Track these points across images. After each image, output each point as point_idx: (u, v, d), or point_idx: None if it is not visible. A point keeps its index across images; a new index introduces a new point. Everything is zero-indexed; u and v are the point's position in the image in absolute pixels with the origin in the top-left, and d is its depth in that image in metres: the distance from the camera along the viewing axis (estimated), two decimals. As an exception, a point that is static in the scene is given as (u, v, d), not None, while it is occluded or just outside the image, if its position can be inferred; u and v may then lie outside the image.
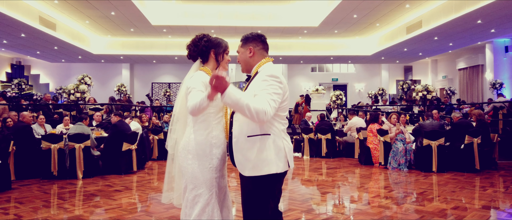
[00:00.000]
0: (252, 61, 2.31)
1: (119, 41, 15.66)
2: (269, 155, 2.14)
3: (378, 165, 7.99)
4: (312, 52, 16.32)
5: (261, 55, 2.32)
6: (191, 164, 2.29)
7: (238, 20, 12.92)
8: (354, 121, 9.56)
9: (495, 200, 5.00)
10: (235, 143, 2.20)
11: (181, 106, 2.43)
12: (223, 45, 2.45)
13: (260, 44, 2.32)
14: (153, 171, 7.74)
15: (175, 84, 20.70)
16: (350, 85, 21.37)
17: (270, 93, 2.06)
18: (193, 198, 2.28)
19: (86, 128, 7.08)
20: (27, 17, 10.35)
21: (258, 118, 1.99)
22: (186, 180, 2.31)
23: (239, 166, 2.19)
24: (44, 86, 19.83)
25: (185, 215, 2.31)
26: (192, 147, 2.29)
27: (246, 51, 2.33)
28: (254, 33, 2.36)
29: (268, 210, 2.19)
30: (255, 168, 2.13)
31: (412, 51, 15.55)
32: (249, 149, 2.14)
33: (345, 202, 5.06)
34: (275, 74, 2.12)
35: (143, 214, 4.34)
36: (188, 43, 2.49)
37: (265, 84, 2.08)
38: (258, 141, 2.14)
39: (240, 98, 1.95)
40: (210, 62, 2.44)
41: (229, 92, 1.94)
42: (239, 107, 1.97)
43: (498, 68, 14.80)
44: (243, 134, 2.16)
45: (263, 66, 2.26)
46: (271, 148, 2.15)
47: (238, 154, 2.19)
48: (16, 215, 4.29)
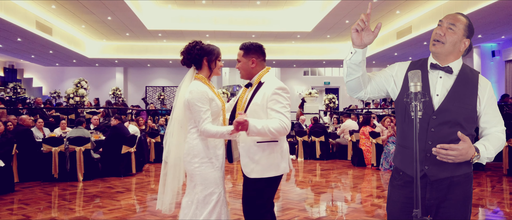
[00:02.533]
0: (253, 71, 2.48)
1: (114, 45, 15.77)
2: (276, 159, 2.35)
3: (371, 166, 8.25)
4: (305, 57, 16.62)
5: (262, 65, 2.50)
6: (199, 167, 2.40)
7: (233, 25, 13.13)
8: (347, 123, 9.82)
9: (482, 198, 5.26)
10: (243, 148, 2.38)
11: (179, 114, 2.51)
12: (216, 53, 2.53)
13: (261, 55, 2.50)
14: (151, 173, 7.90)
15: (169, 88, 20.82)
16: (342, 88, 21.69)
17: (284, 106, 2.28)
18: (204, 198, 2.38)
19: (86, 131, 7.22)
20: (24, 22, 10.44)
21: (280, 135, 2.24)
22: (196, 182, 2.41)
23: (245, 168, 2.37)
24: (36, 90, 19.80)
25: (195, 216, 2.39)
26: (198, 151, 2.41)
27: (248, 61, 2.48)
28: (254, 44, 2.51)
29: (268, 209, 2.41)
30: (262, 171, 2.32)
31: (402, 56, 15.92)
32: (257, 153, 2.33)
33: (339, 201, 5.28)
34: (283, 86, 2.35)
35: (148, 213, 4.52)
36: (182, 50, 2.56)
37: (277, 98, 2.29)
38: (267, 147, 2.34)
39: (261, 128, 2.17)
40: (204, 69, 2.53)
41: (251, 129, 2.15)
42: (262, 134, 2.20)
43: (485, 72, 15.22)
44: (252, 139, 2.33)
45: (265, 76, 2.45)
46: (278, 152, 2.37)
47: (245, 158, 2.36)
48: (24, 215, 4.44)
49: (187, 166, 2.45)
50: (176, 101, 2.54)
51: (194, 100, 2.35)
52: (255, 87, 2.43)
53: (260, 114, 2.31)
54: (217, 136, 2.30)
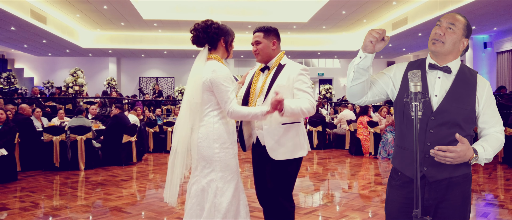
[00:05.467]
0: (273, 53, 2.46)
1: (108, 35, 15.60)
2: (301, 139, 2.40)
3: (368, 155, 8.39)
4: (300, 47, 16.67)
5: (279, 48, 2.50)
6: (219, 152, 2.26)
7: (229, 15, 13.09)
8: (345, 113, 9.94)
9: (480, 184, 5.42)
10: (267, 130, 2.34)
11: (194, 96, 2.29)
12: (232, 33, 2.42)
13: (279, 38, 2.50)
14: (151, 162, 7.93)
15: (163, 79, 20.71)
16: (335, 80, 21.84)
17: (309, 86, 2.34)
18: (224, 185, 2.26)
19: (87, 120, 7.22)
20: (19, 10, 10.29)
21: (309, 114, 2.27)
22: (214, 168, 2.26)
23: (271, 151, 2.33)
24: (28, 81, 19.52)
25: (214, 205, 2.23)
26: (219, 135, 2.27)
27: (269, 43, 2.43)
28: (272, 27, 2.48)
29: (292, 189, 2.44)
30: (290, 152, 2.34)
31: (397, 47, 16.07)
32: (283, 135, 2.33)
33: (338, 188, 5.39)
34: (306, 67, 2.41)
35: (157, 200, 4.57)
36: (195, 27, 2.37)
37: (303, 78, 2.34)
38: (292, 128, 2.36)
39: (295, 108, 2.18)
40: (219, 50, 2.38)
41: (286, 109, 2.13)
42: (295, 114, 2.20)
43: (477, 63, 15.46)
44: (276, 121, 2.33)
45: (283, 59, 2.46)
46: (301, 133, 2.41)
47: (270, 141, 2.33)
48: (32, 202, 4.45)
49: (205, 151, 2.27)
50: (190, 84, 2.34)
51: (220, 79, 2.22)
52: (274, 70, 2.42)
53: (286, 95, 2.28)
54: (249, 116, 2.20)
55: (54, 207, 4.27)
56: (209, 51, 2.37)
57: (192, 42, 2.39)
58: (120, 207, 4.25)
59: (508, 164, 6.89)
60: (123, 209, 4.15)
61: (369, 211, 4.06)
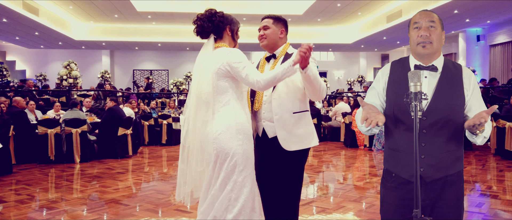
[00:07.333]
0: (280, 42, 2.41)
1: (102, 27, 15.46)
2: (312, 128, 2.36)
3: (363, 147, 8.46)
4: (295, 40, 16.57)
5: (286, 38, 2.46)
6: (242, 145, 2.13)
7: (224, 8, 12.75)
8: (340, 106, 9.98)
9: (474, 175, 5.50)
10: (278, 120, 2.26)
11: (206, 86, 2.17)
12: (237, 22, 2.38)
13: (287, 29, 2.46)
14: (147, 155, 7.92)
15: (157, 71, 20.60)
16: (330, 72, 21.89)
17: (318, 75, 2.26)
18: (243, 179, 2.12)
19: (82, 113, 7.18)
20: (11, 2, 10.14)
21: (322, 94, 2.23)
22: (235, 162, 2.11)
23: (283, 142, 2.25)
24: (20, 73, 19.32)
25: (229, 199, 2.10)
26: (242, 125, 2.15)
27: (278, 30, 2.38)
28: (280, 16, 2.45)
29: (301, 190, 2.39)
30: (303, 141, 2.29)
31: (391, 40, 16.12)
32: (295, 124, 2.28)
33: (334, 180, 5.44)
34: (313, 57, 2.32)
35: (154, 192, 4.57)
36: (198, 17, 2.27)
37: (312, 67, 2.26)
38: (303, 117, 2.32)
39: (315, 72, 2.08)
40: (226, 39, 2.32)
41: (310, 66, 2.01)
42: (316, 80, 2.10)
43: (470, 56, 15.58)
44: (287, 110, 2.27)
45: (290, 48, 2.42)
46: (311, 122, 2.38)
47: (282, 130, 2.25)
48: (29, 195, 4.44)
49: (226, 143, 2.11)
50: (197, 75, 2.24)
51: (237, 58, 2.14)
52: (281, 58, 2.37)
53: (296, 83, 2.29)
54: (279, 76, 2.05)
55: (50, 200, 4.26)
56: (215, 41, 2.29)
57: (196, 34, 2.28)
58: (117, 199, 4.26)
59: (501, 155, 6.99)
60: (120, 202, 4.16)
61: (364, 202, 4.11)
